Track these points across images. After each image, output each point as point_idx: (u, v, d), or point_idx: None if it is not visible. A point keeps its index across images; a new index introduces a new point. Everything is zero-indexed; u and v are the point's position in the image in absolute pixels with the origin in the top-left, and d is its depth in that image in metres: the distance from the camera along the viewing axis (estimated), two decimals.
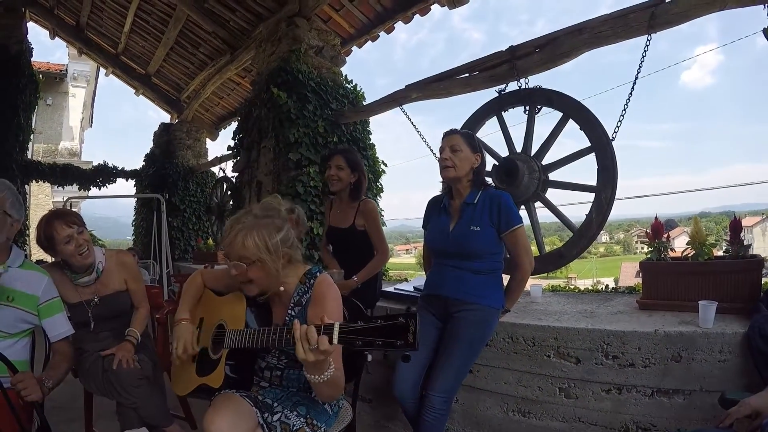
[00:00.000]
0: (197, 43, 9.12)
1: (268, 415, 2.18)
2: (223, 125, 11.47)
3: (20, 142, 9.40)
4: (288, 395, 2.36)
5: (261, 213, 2.27)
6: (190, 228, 11.22)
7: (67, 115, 18.07)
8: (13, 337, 2.60)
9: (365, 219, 3.90)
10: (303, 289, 2.34)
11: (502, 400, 3.32)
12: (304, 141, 5.62)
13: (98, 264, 3.14)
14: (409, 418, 3.09)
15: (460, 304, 2.97)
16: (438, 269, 3.19)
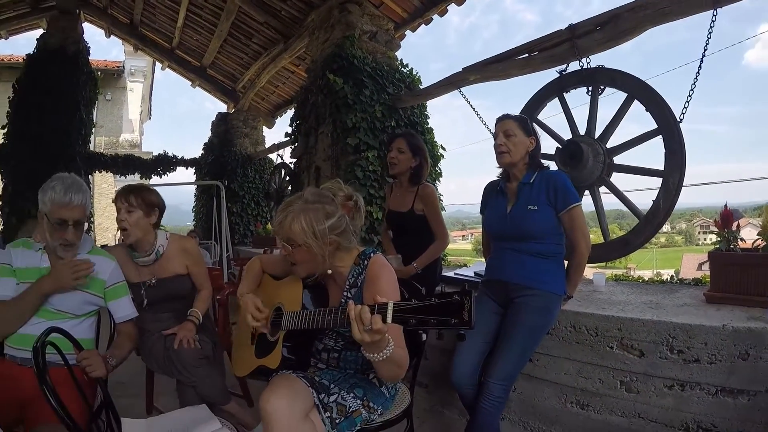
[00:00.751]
0: (250, 34, 9.20)
1: (325, 395, 2.20)
2: (279, 113, 11.60)
3: (83, 135, 9.93)
4: (345, 377, 2.37)
5: (312, 198, 2.28)
6: (249, 213, 11.43)
7: (127, 109, 18.50)
8: (79, 317, 2.71)
9: (424, 203, 3.86)
10: (357, 270, 2.36)
11: (560, 391, 3.23)
12: (362, 126, 5.63)
13: (159, 247, 3.22)
14: (466, 405, 3.07)
15: (520, 289, 2.91)
16: (498, 253, 3.14)
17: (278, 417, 1.98)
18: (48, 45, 9.53)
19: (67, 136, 9.55)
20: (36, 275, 2.59)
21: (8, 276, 2.62)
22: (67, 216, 2.57)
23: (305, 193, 2.33)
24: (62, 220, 2.57)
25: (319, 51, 6.66)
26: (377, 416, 2.33)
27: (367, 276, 2.30)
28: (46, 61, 9.42)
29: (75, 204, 2.58)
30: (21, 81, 9.44)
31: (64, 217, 2.56)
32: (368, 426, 2.29)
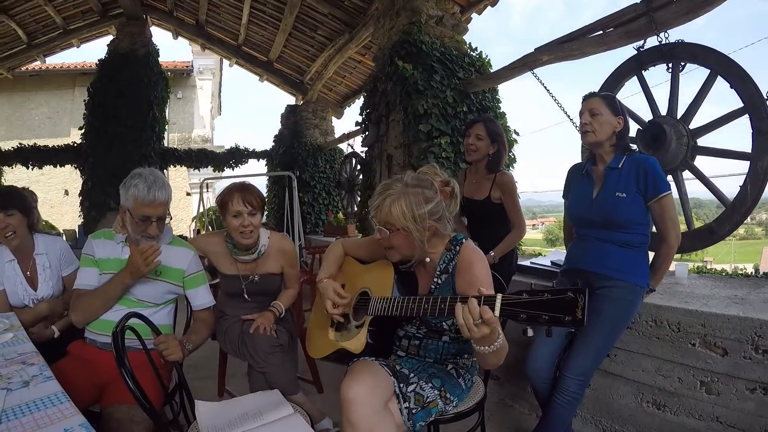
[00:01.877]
0: (315, 26, 9.25)
1: (404, 385, 2.20)
2: (347, 103, 11.61)
3: (156, 132, 10.62)
4: (424, 366, 2.37)
5: (412, 182, 2.27)
6: (321, 203, 11.53)
7: (197, 106, 18.93)
8: (158, 305, 2.85)
9: (502, 191, 3.78)
10: (449, 256, 2.33)
11: (637, 389, 3.10)
12: (434, 112, 5.55)
13: (261, 247, 3.28)
14: (540, 400, 3.03)
15: (603, 280, 2.80)
16: (580, 241, 3.03)
17: (359, 405, 1.99)
18: (119, 49, 10.28)
19: (142, 134, 10.28)
20: (117, 266, 2.75)
21: (91, 266, 2.80)
22: (150, 213, 2.67)
23: (405, 176, 2.32)
24: (146, 217, 2.67)
25: (385, 38, 6.61)
26: (452, 408, 2.33)
27: (459, 262, 2.28)
28: (118, 64, 10.17)
29: (158, 201, 2.68)
30: (95, 84, 10.30)
31: (147, 214, 2.67)
32: (442, 417, 2.29)
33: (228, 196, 3.13)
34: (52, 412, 1.49)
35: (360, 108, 7.27)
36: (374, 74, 6.97)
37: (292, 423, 2.20)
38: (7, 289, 3.09)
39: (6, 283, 3.10)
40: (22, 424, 1.42)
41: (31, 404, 1.56)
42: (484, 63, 6.20)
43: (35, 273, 3.22)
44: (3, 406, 1.54)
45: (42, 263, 3.24)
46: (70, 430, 1.36)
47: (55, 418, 1.45)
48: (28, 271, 3.19)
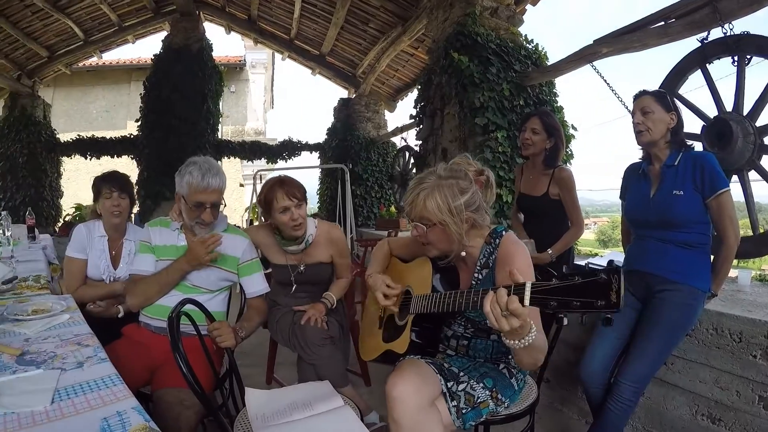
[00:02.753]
0: (366, 19, 9.25)
1: (453, 383, 2.17)
2: (400, 96, 11.56)
3: (211, 125, 10.94)
4: (475, 365, 2.32)
5: (445, 174, 2.21)
6: (373, 196, 11.61)
7: (250, 100, 19.18)
8: (213, 292, 2.91)
9: (560, 188, 3.70)
10: (489, 249, 2.27)
11: (693, 401, 2.91)
12: (490, 105, 5.50)
13: (308, 236, 3.27)
14: (592, 405, 2.96)
15: (663, 283, 2.72)
16: (639, 242, 2.96)
17: (404, 403, 1.97)
18: (173, 45, 10.64)
19: (196, 126, 10.67)
20: (173, 253, 2.86)
21: (148, 252, 2.91)
22: (204, 199, 2.75)
23: (437, 168, 2.27)
24: (200, 203, 2.76)
25: (439, 31, 6.56)
26: (503, 409, 2.28)
27: (499, 255, 2.21)
28: (172, 59, 10.51)
29: (212, 188, 2.76)
30: (150, 79, 10.71)
31: (201, 200, 2.75)
32: (492, 418, 2.25)
33: (271, 194, 3.12)
34: (105, 394, 1.51)
35: (414, 101, 7.23)
36: (428, 67, 6.91)
37: (342, 415, 2.20)
38: (90, 260, 3.34)
39: (91, 254, 3.34)
40: (74, 405, 1.44)
41: (84, 385, 1.58)
42: (540, 56, 6.11)
43: (120, 254, 3.44)
44: (57, 385, 1.56)
45: (128, 248, 3.45)
46: (122, 412, 1.38)
47: (108, 399, 1.47)
48: (114, 251, 3.43)
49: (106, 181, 3.35)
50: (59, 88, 17.23)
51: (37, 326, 2.24)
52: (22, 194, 10.91)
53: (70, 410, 1.41)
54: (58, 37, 10.85)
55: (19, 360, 1.81)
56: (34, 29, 10.18)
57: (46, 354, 1.88)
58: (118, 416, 1.36)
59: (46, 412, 1.39)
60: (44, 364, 1.77)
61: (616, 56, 4.78)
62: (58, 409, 1.41)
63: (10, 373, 1.68)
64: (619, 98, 4.39)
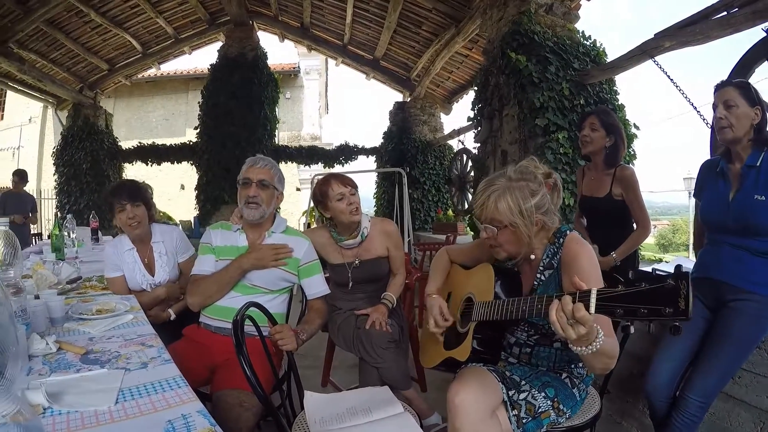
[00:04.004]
0: (419, 22, 9.20)
1: (515, 392, 2.11)
2: (455, 99, 11.45)
3: (268, 130, 11.20)
4: (537, 374, 2.25)
5: (515, 176, 2.16)
6: (430, 199, 11.53)
7: (305, 106, 19.50)
8: (273, 293, 2.92)
9: (623, 187, 3.55)
10: (553, 249, 2.21)
11: (758, 417, 2.69)
12: (550, 105, 5.34)
13: (363, 229, 3.29)
14: (655, 419, 2.78)
15: (737, 292, 2.50)
16: (712, 248, 2.73)
17: (466, 411, 1.93)
18: (228, 54, 10.96)
19: (254, 132, 10.97)
20: (234, 253, 2.90)
21: (209, 254, 2.96)
22: (251, 175, 2.86)
23: (507, 170, 2.21)
24: (247, 179, 2.86)
25: (494, 30, 6.44)
26: (564, 420, 2.20)
27: (563, 256, 2.15)
28: (229, 68, 10.83)
29: (260, 166, 2.90)
30: (208, 87, 11.08)
31: (249, 176, 2.86)
32: (553, 429, 2.17)
33: (325, 186, 3.20)
34: (169, 396, 1.51)
35: (471, 103, 7.09)
36: (485, 67, 6.77)
37: (402, 422, 2.17)
38: (126, 275, 3.32)
39: (125, 269, 3.33)
40: (138, 405, 1.44)
41: (148, 386, 1.59)
42: (599, 52, 5.89)
43: (152, 259, 3.43)
44: (121, 385, 1.57)
45: (159, 250, 3.44)
46: (187, 415, 1.37)
47: (172, 402, 1.47)
48: (146, 258, 3.41)
49: (115, 195, 3.32)
50: (120, 99, 17.87)
51: (101, 326, 2.29)
52: (86, 198, 11.52)
53: (134, 411, 1.41)
54: (118, 51, 11.44)
55: (84, 359, 1.83)
56: (94, 44, 10.75)
57: (110, 353, 1.90)
58: (183, 419, 1.35)
59: (110, 412, 1.40)
60: (108, 363, 1.79)
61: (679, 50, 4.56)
62: (122, 410, 1.41)
63: (74, 372, 1.70)
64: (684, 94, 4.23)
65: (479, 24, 7.30)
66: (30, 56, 9.83)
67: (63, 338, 2.08)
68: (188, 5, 10.57)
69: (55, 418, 1.35)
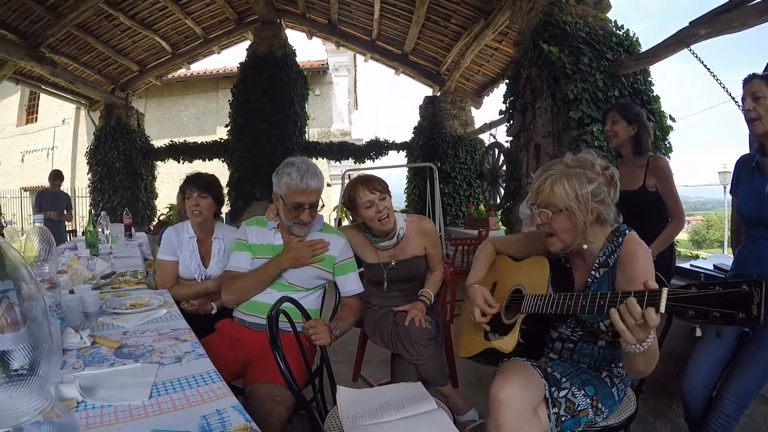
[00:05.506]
0: (447, 16, 9.12)
1: (555, 389, 2.09)
2: (485, 92, 11.36)
3: (299, 127, 11.32)
4: (577, 371, 2.22)
5: (573, 163, 2.17)
6: (461, 194, 11.41)
7: (335, 102, 19.58)
8: (308, 290, 2.96)
9: (657, 177, 3.51)
10: (610, 248, 2.17)
11: None
12: (584, 97, 5.23)
13: (399, 230, 3.25)
14: (690, 420, 2.72)
15: None
16: (751, 243, 2.65)
17: (510, 407, 1.91)
18: (257, 52, 11.04)
19: (285, 129, 11.02)
20: (269, 251, 2.94)
21: (244, 250, 2.99)
22: (303, 200, 2.79)
23: (565, 157, 2.22)
24: (299, 204, 2.79)
25: (524, 22, 6.34)
26: (601, 419, 2.17)
27: (621, 255, 2.11)
28: (258, 66, 10.93)
29: (311, 189, 2.80)
30: (238, 85, 11.19)
31: (300, 201, 2.79)
32: (589, 428, 2.14)
33: (353, 192, 3.17)
34: (203, 391, 1.51)
35: (503, 96, 6.99)
36: (516, 60, 6.67)
37: (436, 418, 2.16)
38: (181, 261, 3.49)
39: (181, 255, 3.49)
40: (172, 400, 1.44)
41: (182, 380, 1.59)
42: (632, 42, 5.73)
43: (209, 253, 3.57)
44: (155, 379, 1.57)
45: (217, 246, 3.58)
46: (222, 411, 1.36)
47: (207, 397, 1.47)
48: (203, 250, 3.56)
49: (188, 183, 3.51)
50: (151, 98, 18.18)
51: (135, 320, 2.31)
52: (119, 196, 11.85)
53: (168, 406, 1.41)
54: (148, 52, 11.65)
55: (117, 353, 1.84)
56: (125, 46, 10.98)
57: (144, 348, 1.91)
58: (218, 415, 1.35)
59: (144, 406, 1.39)
60: (142, 357, 1.79)
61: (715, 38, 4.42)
62: (156, 404, 1.41)
63: (108, 366, 1.71)
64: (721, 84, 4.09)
65: (509, 16, 7.22)
66: (62, 60, 10.10)
67: (97, 332, 2.10)
68: (216, 5, 10.70)
69: (88, 412, 1.35)
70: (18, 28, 8.59)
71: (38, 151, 20.92)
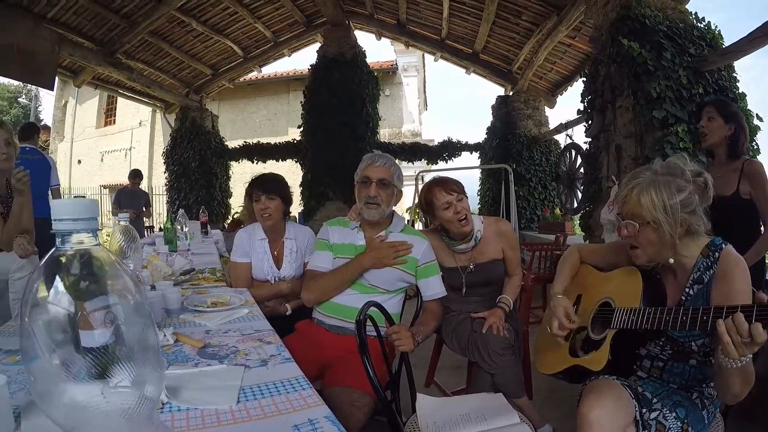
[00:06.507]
0: (518, 12, 8.96)
1: (646, 411, 1.97)
2: (559, 91, 11.08)
3: (371, 128, 11.46)
4: (668, 392, 2.09)
5: (662, 170, 2.03)
6: (536, 197, 11.13)
7: (405, 102, 19.72)
8: (390, 293, 2.90)
9: (752, 184, 3.26)
10: (706, 263, 2.02)
11: None
12: (667, 95, 4.99)
13: (477, 232, 3.18)
14: None
15: None
16: None
17: (600, 428, 1.82)
18: (327, 54, 11.25)
19: (357, 130, 11.10)
20: (351, 251, 2.92)
21: (325, 250, 2.99)
22: (370, 173, 2.86)
23: (654, 164, 2.09)
24: (366, 177, 2.86)
25: (600, 16, 6.14)
26: None
27: (718, 271, 1.97)
28: (329, 68, 11.11)
29: (378, 164, 2.88)
30: (309, 87, 11.47)
31: (368, 174, 2.86)
32: None
33: (429, 194, 3.15)
34: (293, 398, 1.45)
35: (581, 95, 6.79)
36: (593, 57, 6.49)
37: None
38: (253, 263, 3.48)
39: (254, 257, 3.48)
40: (261, 406, 1.39)
41: (270, 385, 1.53)
42: (714, 35, 5.43)
43: (282, 254, 3.54)
44: (242, 383, 1.53)
45: (290, 247, 3.55)
46: (315, 420, 1.31)
47: (297, 404, 1.41)
48: (275, 251, 3.54)
49: (254, 186, 3.49)
50: (224, 101, 18.83)
51: (216, 318, 2.31)
52: (194, 194, 12.47)
53: (257, 412, 1.36)
54: (220, 56, 12.14)
55: (201, 353, 1.83)
56: (198, 51, 11.48)
57: (228, 348, 1.89)
58: (311, 424, 1.29)
59: (232, 411, 1.35)
60: (227, 359, 1.77)
61: None
62: (244, 410, 1.37)
63: (192, 366, 1.69)
64: None
65: (583, 10, 7.02)
66: (138, 65, 10.63)
67: (179, 330, 2.10)
68: (285, 9, 10.95)
69: (174, 414, 1.32)
70: (95, 36, 9.08)
71: (117, 152, 22.12)
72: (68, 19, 8.31)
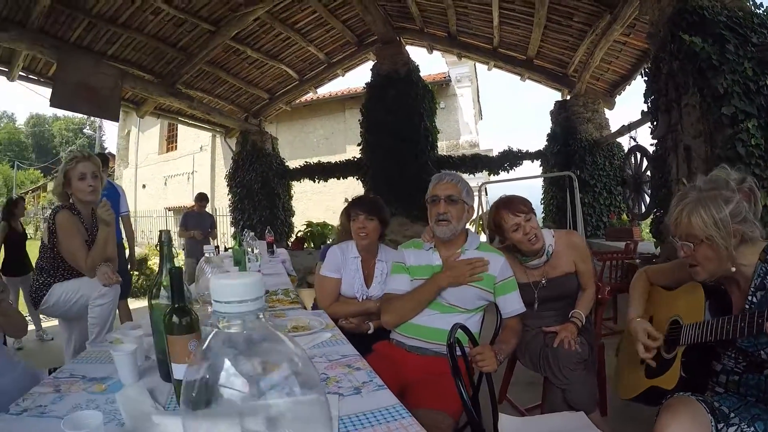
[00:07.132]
0: (569, 14, 8.85)
1: (723, 426, 1.92)
2: (617, 91, 10.85)
3: (430, 141, 11.61)
4: (746, 405, 2.02)
5: (706, 186, 2.03)
6: (601, 203, 10.83)
7: (460, 114, 19.72)
8: (469, 312, 2.89)
9: None
10: (765, 268, 1.97)
11: None
12: (735, 90, 4.76)
13: (548, 247, 3.16)
14: None
15: None
16: None
17: None
18: (381, 72, 11.44)
19: (417, 145, 11.21)
20: (428, 272, 2.93)
21: (402, 273, 3.03)
22: (438, 191, 2.91)
23: (697, 181, 2.09)
24: (435, 196, 2.91)
25: (656, 12, 5.95)
26: None
27: None
28: (383, 86, 11.29)
29: (446, 181, 2.93)
30: (366, 105, 11.67)
31: (436, 193, 2.92)
32: None
33: (497, 217, 3.15)
34: (394, 427, 1.41)
35: (643, 95, 6.53)
36: (653, 54, 6.28)
37: None
38: (344, 279, 3.54)
39: (345, 274, 3.55)
40: None
41: (369, 414, 1.50)
42: None
43: (372, 274, 3.60)
44: (338, 412, 1.50)
45: (380, 268, 3.60)
46: None
47: None
48: (366, 271, 3.60)
49: (354, 205, 3.60)
50: (282, 123, 19.49)
51: (301, 344, 2.27)
52: (258, 215, 12.79)
53: None
54: (276, 81, 12.54)
55: None
56: (254, 77, 11.90)
57: None
58: None
59: None
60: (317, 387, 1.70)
61: None
62: None
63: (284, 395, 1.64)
64: None
65: (636, 6, 6.90)
66: (197, 94, 11.12)
67: None
68: (336, 31, 11.21)
69: None
70: (154, 69, 9.64)
71: (179, 176, 23.40)
72: (128, 54, 8.87)
